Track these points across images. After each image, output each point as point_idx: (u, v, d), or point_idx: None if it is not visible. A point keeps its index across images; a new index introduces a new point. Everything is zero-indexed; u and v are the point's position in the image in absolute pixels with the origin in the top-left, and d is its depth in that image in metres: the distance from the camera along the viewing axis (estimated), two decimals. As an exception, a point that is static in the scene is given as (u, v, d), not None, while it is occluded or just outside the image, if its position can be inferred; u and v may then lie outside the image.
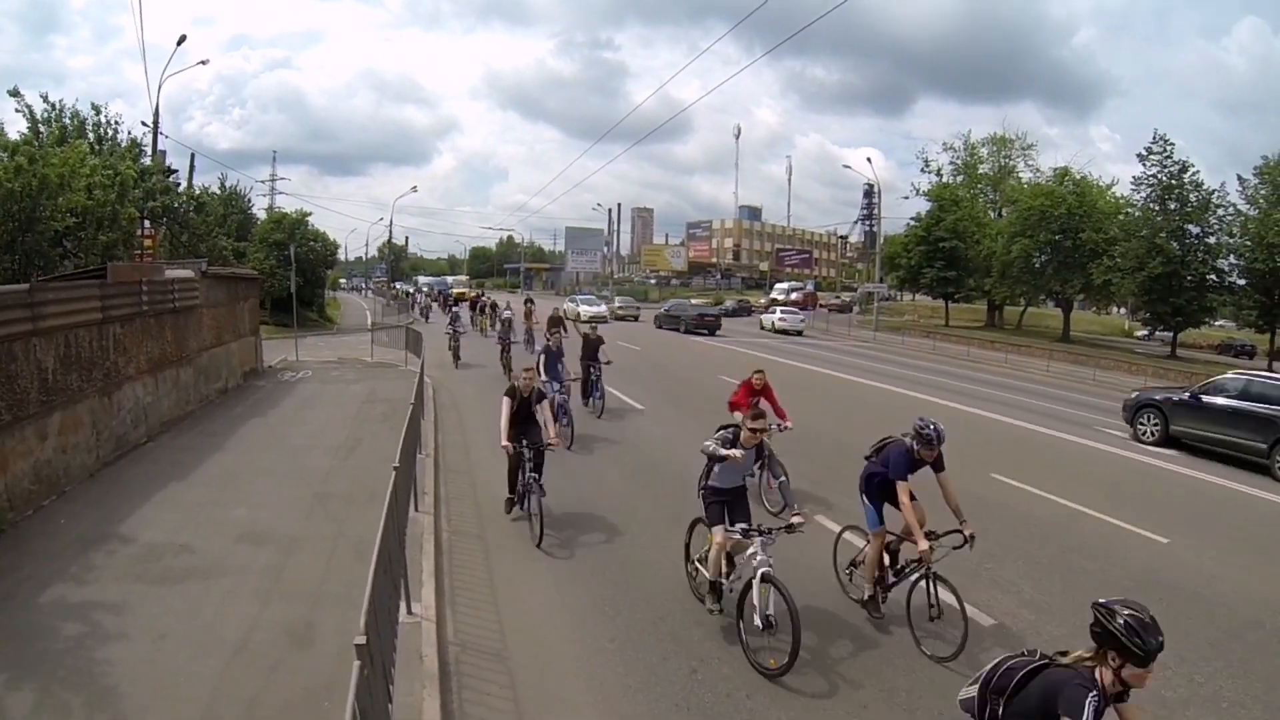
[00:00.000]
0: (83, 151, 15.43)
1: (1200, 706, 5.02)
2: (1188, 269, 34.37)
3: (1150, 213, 36.46)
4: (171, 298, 11.95)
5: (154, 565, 6.38)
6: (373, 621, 3.19)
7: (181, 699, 4.44)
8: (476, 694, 4.74)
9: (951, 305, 51.62)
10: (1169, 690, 5.10)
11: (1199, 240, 35.22)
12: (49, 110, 18.16)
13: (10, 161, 13.02)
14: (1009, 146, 50.37)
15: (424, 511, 7.91)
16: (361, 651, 2.71)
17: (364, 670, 2.70)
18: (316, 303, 41.36)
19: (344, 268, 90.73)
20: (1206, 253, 34.81)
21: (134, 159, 18.68)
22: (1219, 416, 13.44)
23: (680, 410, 14.54)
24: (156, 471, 9.16)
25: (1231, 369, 17.66)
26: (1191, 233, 35.30)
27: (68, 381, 8.59)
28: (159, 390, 11.30)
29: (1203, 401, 13.79)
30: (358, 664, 2.67)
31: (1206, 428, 13.63)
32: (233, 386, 15.17)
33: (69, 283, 10.20)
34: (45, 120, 18.00)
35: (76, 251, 15.26)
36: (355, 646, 2.71)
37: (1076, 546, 7.96)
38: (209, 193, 32.04)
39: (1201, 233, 35.29)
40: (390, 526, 4.37)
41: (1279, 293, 31.97)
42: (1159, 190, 36.03)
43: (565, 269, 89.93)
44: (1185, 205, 35.15)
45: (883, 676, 5.16)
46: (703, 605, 5.84)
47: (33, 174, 12.99)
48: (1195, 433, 13.83)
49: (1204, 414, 13.73)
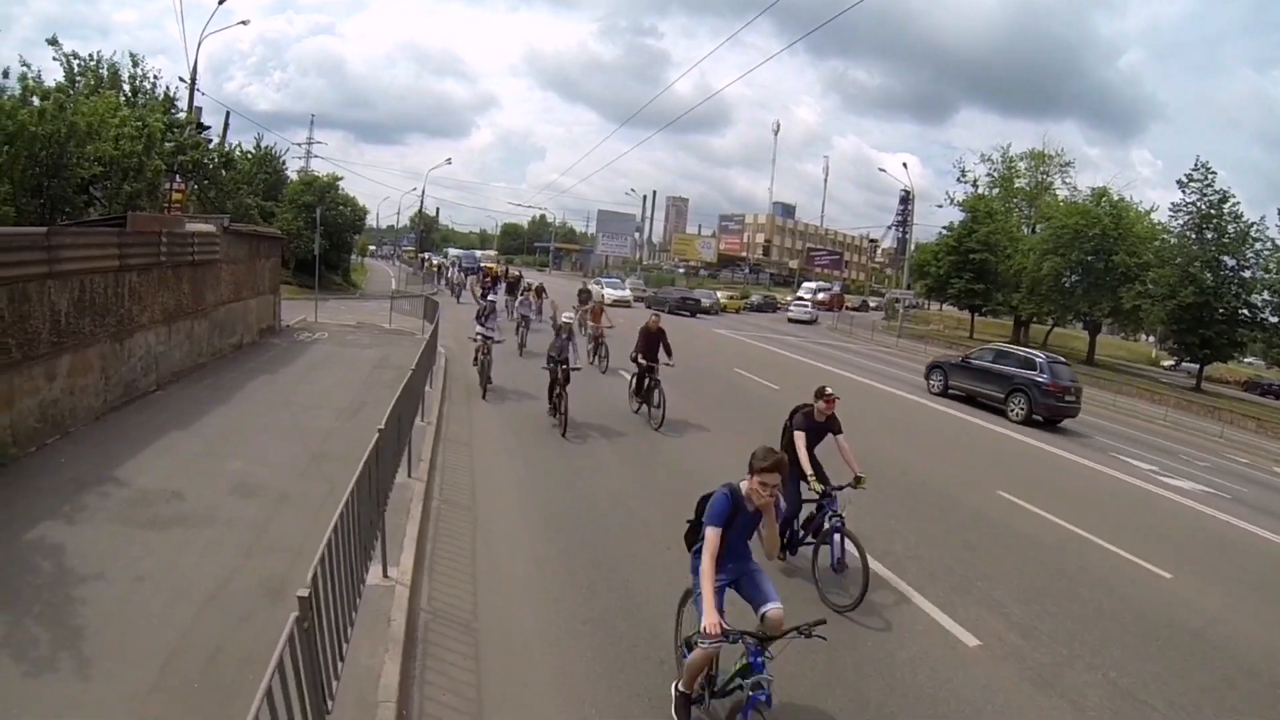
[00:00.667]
0: (113, 103, 15.57)
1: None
2: (1220, 301, 33.64)
3: (1186, 240, 35.73)
4: (191, 250, 12.02)
5: (144, 510, 6.41)
6: (323, 576, 3.15)
7: (148, 643, 4.44)
8: (439, 663, 4.71)
9: (978, 319, 50.97)
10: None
11: (1234, 273, 34.49)
12: (85, 62, 18.31)
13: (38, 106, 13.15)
14: (1047, 162, 49.49)
15: (416, 478, 7.90)
16: (304, 604, 2.66)
17: (303, 623, 2.65)
18: (342, 266, 41.51)
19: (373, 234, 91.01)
20: (1240, 286, 34.04)
21: (165, 112, 18.77)
22: (977, 375, 19.22)
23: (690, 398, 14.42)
24: (161, 419, 9.22)
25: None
26: (1227, 264, 34.59)
27: (80, 325, 8.67)
28: (171, 340, 11.39)
29: (969, 364, 19.77)
30: (294, 615, 2.63)
31: (970, 383, 19.39)
32: (248, 343, 15.28)
33: (88, 229, 10.31)
34: (82, 71, 18.17)
35: (102, 199, 15.42)
36: (297, 598, 2.66)
37: (1076, 574, 7.75)
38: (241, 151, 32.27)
39: (1237, 265, 34.56)
40: (364, 487, 4.32)
41: (1312, 333, 31.27)
42: (1197, 218, 35.30)
43: (595, 251, 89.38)
44: (1222, 236, 34.43)
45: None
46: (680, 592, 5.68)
47: (62, 121, 13.13)
48: (963, 386, 19.58)
49: (969, 373, 19.56)
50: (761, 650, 3.68)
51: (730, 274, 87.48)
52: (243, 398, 10.92)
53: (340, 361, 14.81)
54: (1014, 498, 10.23)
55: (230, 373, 12.46)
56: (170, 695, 4.01)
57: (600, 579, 6.19)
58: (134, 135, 15.39)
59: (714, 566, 3.81)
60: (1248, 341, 36.21)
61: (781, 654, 5.16)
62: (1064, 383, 17.63)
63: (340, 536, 3.63)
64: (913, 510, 9.03)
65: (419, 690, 4.41)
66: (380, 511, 5.35)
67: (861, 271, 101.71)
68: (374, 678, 4.27)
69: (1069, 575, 7.68)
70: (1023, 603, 6.76)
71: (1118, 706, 5.19)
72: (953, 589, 6.83)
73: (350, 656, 4.02)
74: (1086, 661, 5.80)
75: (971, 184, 50.53)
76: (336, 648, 3.42)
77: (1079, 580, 7.57)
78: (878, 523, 8.14)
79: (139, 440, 8.29)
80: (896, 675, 5.22)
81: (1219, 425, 25.33)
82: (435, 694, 4.40)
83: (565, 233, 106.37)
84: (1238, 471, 17.24)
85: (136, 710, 3.88)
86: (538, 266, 77.08)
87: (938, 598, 6.54)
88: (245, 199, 24.46)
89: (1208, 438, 22.93)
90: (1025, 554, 8.14)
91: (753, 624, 4.03)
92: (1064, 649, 5.97)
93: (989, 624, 6.23)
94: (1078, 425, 18.80)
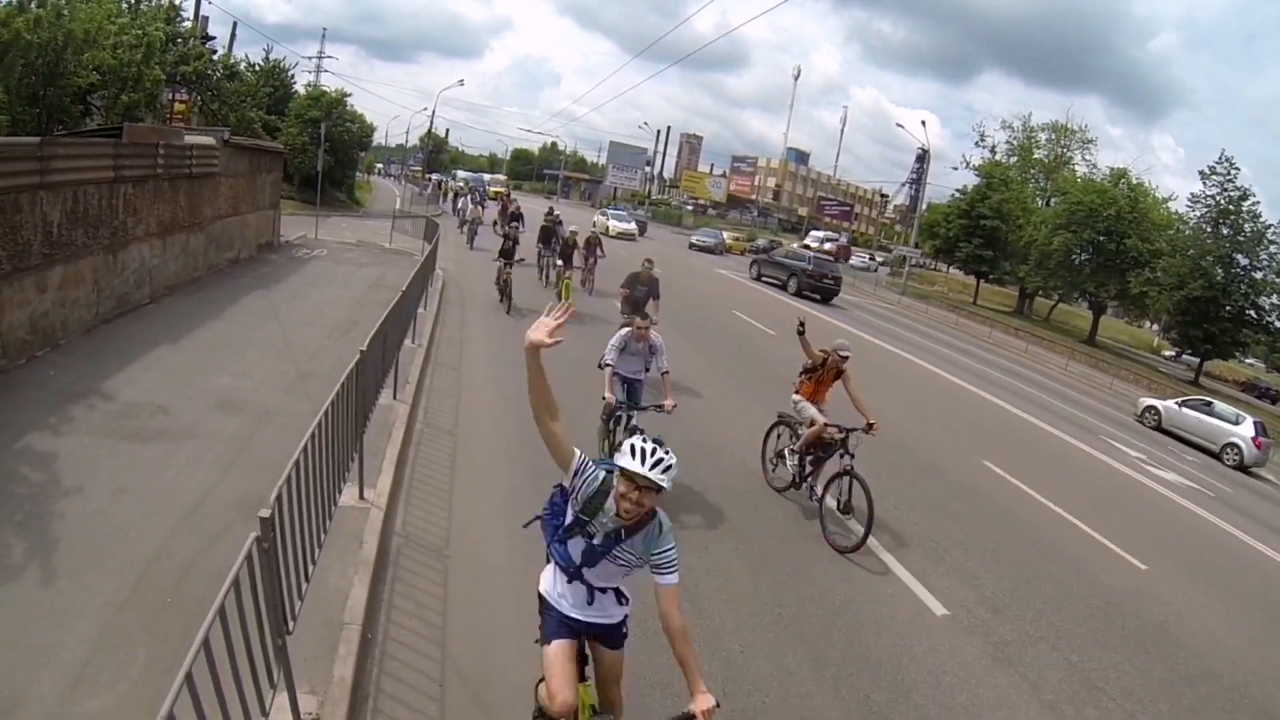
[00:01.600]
0: (110, 8, 15.13)
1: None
2: (1228, 298, 33.32)
3: (1201, 233, 35.25)
4: (188, 163, 11.80)
5: (128, 423, 6.40)
6: (291, 496, 3.13)
7: (124, 555, 4.46)
8: (407, 586, 4.75)
9: (983, 285, 50.58)
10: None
11: (1245, 272, 34.04)
12: None
13: (35, 13, 12.78)
14: (1069, 136, 48.64)
15: (402, 400, 7.88)
16: (264, 525, 2.64)
17: (263, 544, 2.63)
18: (346, 183, 40.75)
19: (381, 152, 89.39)
20: (1251, 286, 33.63)
21: (168, 22, 18.29)
22: (776, 265, 30.07)
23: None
24: (151, 333, 9.17)
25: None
26: (1240, 263, 34.12)
27: (73, 237, 8.55)
28: (166, 254, 11.25)
29: (771, 258, 31.61)
30: (254, 535, 2.61)
31: (771, 271, 30.04)
32: (244, 257, 15.12)
33: (82, 139, 10.09)
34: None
35: (100, 109, 15.11)
36: (259, 519, 2.64)
37: (1051, 552, 7.79)
38: (249, 64, 31.54)
39: (1250, 265, 34.09)
40: (339, 408, 4.28)
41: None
42: (1215, 212, 34.72)
43: (605, 182, 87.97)
44: (1238, 233, 33.91)
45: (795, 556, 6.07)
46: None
47: (59, 28, 12.79)
48: (768, 274, 30.08)
49: (771, 264, 30.52)
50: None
51: (739, 215, 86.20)
52: (235, 312, 10.86)
53: (336, 280, 14.69)
54: (999, 469, 10.27)
55: (224, 287, 12.37)
56: (141, 609, 4.03)
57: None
58: (133, 44, 15.05)
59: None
60: (1251, 343, 35.94)
61: (750, 608, 5.29)
62: (823, 270, 28.50)
63: (310, 457, 3.60)
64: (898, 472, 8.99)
65: (385, 614, 4.44)
66: (359, 433, 5.34)
67: (871, 225, 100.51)
68: (342, 599, 4.31)
69: (1045, 554, 7.72)
70: (996, 577, 6.80)
71: (1075, 691, 5.25)
72: (927, 556, 6.88)
73: (319, 577, 4.04)
74: (1050, 643, 5.85)
75: (990, 150, 49.74)
76: (302, 569, 3.42)
77: (1053, 559, 7.62)
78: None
79: (128, 353, 8.24)
80: (860, 638, 5.26)
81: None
82: (401, 619, 4.44)
83: (576, 162, 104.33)
84: (1224, 470, 17.34)
85: (109, 622, 3.89)
86: (546, 194, 75.77)
87: (912, 564, 6.57)
88: (249, 112, 24.00)
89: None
90: (1004, 528, 8.18)
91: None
92: (1030, 627, 6.03)
93: (959, 595, 6.27)
94: (1065, 402, 18.81)
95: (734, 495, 7.22)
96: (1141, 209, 39.30)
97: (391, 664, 4.04)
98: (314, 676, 3.67)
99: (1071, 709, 5.03)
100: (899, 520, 7.52)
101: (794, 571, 6.01)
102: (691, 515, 6.61)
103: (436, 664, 4.11)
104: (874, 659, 5.02)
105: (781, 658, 4.82)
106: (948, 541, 7.34)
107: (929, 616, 5.80)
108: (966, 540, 7.49)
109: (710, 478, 7.48)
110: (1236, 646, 6.82)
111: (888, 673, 4.92)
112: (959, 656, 5.32)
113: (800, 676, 4.67)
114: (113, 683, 3.48)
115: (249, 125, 22.78)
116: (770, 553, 6.23)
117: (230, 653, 2.52)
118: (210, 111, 21.06)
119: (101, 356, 8.03)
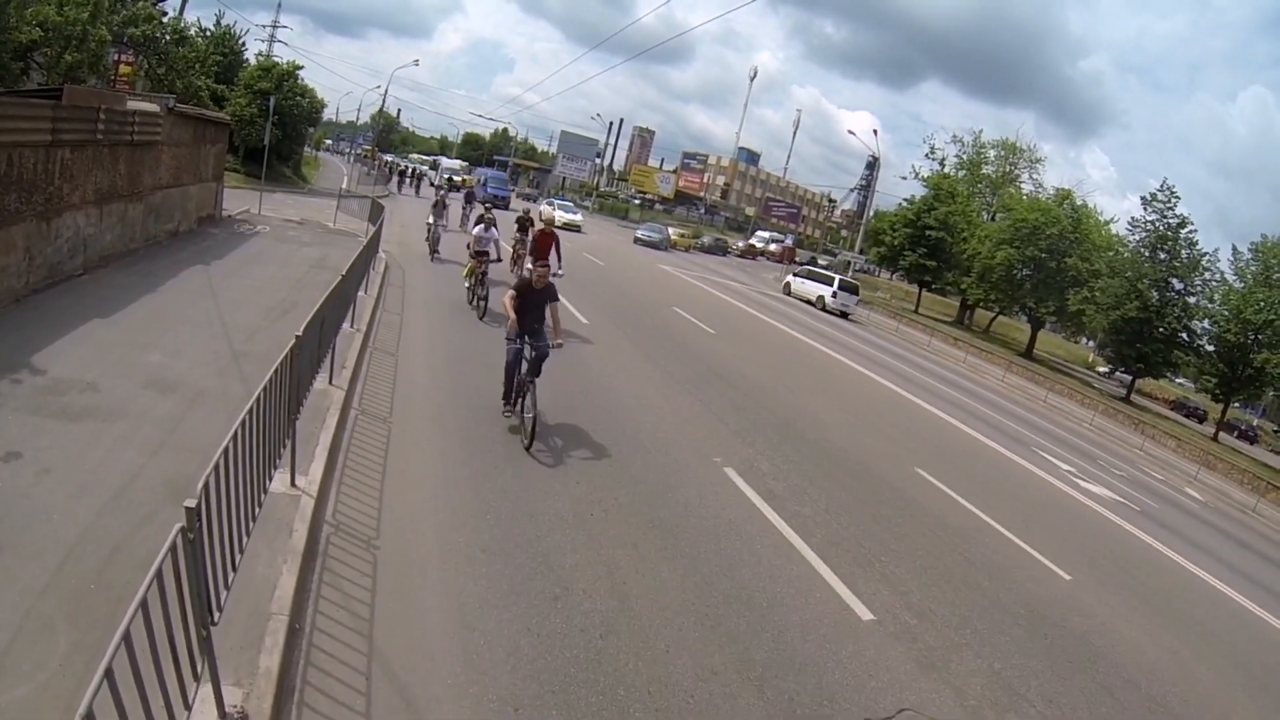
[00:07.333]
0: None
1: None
2: (1161, 320, 34.94)
3: (1139, 257, 36.82)
4: (130, 130, 11.37)
5: (56, 400, 6.17)
6: (220, 483, 3.10)
7: (47, 539, 4.32)
8: (335, 576, 4.71)
9: (925, 294, 51.94)
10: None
11: (1180, 296, 35.82)
12: None
13: None
14: (1017, 155, 50.26)
15: (337, 386, 7.76)
16: (190, 515, 2.61)
17: (188, 535, 2.61)
18: (293, 159, 39.81)
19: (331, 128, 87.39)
20: (1184, 310, 35.42)
21: (118, -21, 17.61)
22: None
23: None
24: (83, 305, 8.84)
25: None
26: (1174, 287, 35.92)
27: (5, 202, 8.18)
28: (103, 223, 10.85)
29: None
30: (179, 526, 2.58)
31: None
32: (184, 230, 14.66)
33: (20, 98, 9.67)
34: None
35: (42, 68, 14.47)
36: (185, 509, 2.61)
37: (979, 561, 8.01)
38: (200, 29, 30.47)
39: (1184, 290, 35.80)
40: (271, 392, 4.22)
41: (1242, 368, 32.67)
42: (1153, 238, 36.39)
43: (554, 171, 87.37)
44: (1175, 259, 35.62)
45: (724, 556, 5.88)
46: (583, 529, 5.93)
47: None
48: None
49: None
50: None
51: (686, 211, 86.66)
52: (171, 287, 10.53)
53: (276, 258, 14.35)
54: (932, 477, 10.53)
55: (162, 260, 11.98)
56: (63, 595, 3.91)
57: (505, 506, 6.23)
58: (80, 1, 14.40)
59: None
60: (1181, 363, 37.76)
61: (677, 607, 5.38)
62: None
63: (241, 443, 3.55)
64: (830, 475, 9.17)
65: (313, 605, 4.41)
66: (293, 419, 5.27)
67: (818, 229, 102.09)
68: (270, 589, 4.26)
69: (972, 562, 7.94)
70: (923, 584, 6.98)
71: (997, 698, 5.43)
72: (856, 561, 7.04)
73: (247, 566, 4.00)
74: (975, 650, 6.04)
75: (939, 162, 51.09)
76: (229, 558, 3.37)
77: (980, 568, 7.84)
78: (792, 486, 8.37)
79: (59, 326, 7.95)
80: (786, 640, 5.36)
81: (1141, 438, 26.46)
82: (329, 609, 4.40)
83: (526, 149, 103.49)
84: (1151, 486, 17.96)
85: (29, 608, 3.77)
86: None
87: (840, 568, 6.71)
88: (196, 79, 23.18)
89: (1128, 448, 23.84)
90: (934, 535, 8.39)
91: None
92: (955, 634, 6.20)
93: (886, 600, 6.43)
94: (1000, 413, 19.41)
95: (661, 491, 7.33)
96: (1084, 230, 40.81)
97: (319, 655, 4.01)
98: (240, 668, 3.62)
99: (994, 715, 5.20)
100: (829, 524, 7.68)
101: (721, 571, 6.11)
102: (621, 512, 6.69)
103: (364, 656, 4.10)
104: (800, 661, 5.14)
105: (707, 657, 4.91)
106: (877, 547, 7.53)
107: (855, 621, 5.93)
108: (896, 546, 7.67)
109: (641, 472, 7.64)
110: (1156, 657, 7.13)
111: (813, 675, 5.03)
112: (884, 661, 5.45)
113: (726, 677, 4.76)
114: (32, 672, 3.38)
115: (196, 93, 22.01)
116: (699, 551, 6.33)
117: (153, 644, 2.48)
118: (157, 77, 20.31)
119: (30, 328, 7.72)
